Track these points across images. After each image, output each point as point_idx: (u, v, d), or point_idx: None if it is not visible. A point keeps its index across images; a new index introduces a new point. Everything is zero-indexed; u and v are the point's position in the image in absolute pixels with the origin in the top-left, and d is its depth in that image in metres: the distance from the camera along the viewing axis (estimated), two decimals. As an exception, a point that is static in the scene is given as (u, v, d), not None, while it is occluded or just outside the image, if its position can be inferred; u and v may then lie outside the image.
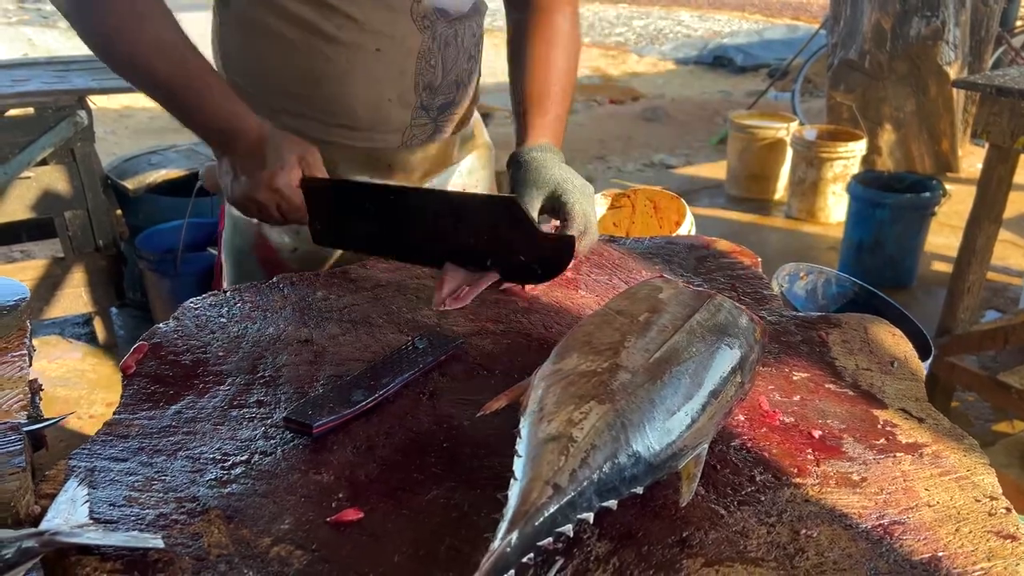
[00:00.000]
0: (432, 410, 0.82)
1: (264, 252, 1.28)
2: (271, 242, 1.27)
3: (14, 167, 2.71)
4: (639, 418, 0.67)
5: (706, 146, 6.09)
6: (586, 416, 0.66)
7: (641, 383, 0.70)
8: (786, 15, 12.90)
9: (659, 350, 0.74)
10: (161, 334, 0.97)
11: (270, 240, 1.27)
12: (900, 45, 4.67)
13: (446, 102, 1.25)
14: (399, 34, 1.15)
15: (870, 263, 3.59)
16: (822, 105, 5.52)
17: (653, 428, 0.67)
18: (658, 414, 0.68)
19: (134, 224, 3.13)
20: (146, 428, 0.81)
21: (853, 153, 4.26)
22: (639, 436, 0.66)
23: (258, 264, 1.29)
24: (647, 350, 0.74)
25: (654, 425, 0.67)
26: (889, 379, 0.91)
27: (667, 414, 0.69)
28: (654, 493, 0.69)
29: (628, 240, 1.26)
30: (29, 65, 3.27)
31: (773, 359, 0.94)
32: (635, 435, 0.66)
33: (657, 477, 0.68)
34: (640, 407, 0.68)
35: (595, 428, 0.65)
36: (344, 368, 0.90)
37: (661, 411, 0.68)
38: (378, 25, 1.14)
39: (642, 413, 0.67)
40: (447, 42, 1.20)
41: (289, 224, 1.14)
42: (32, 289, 2.86)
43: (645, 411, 0.68)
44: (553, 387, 0.71)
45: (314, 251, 1.23)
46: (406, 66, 1.18)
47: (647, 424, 0.67)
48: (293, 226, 1.18)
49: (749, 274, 1.14)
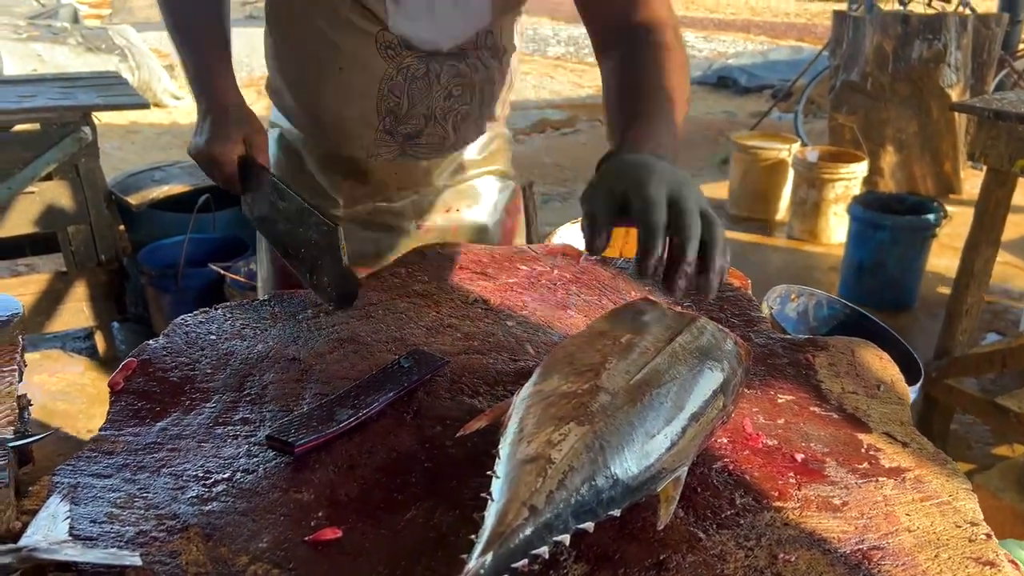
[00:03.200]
0: (415, 429, 0.82)
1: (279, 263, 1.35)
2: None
3: (19, 182, 2.74)
4: (618, 440, 0.67)
5: (709, 165, 6.11)
6: (565, 437, 0.66)
7: (621, 405, 0.70)
8: (790, 36, 12.97)
9: (640, 372, 0.74)
10: (150, 351, 0.97)
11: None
12: (902, 67, 4.69)
13: (413, 132, 1.26)
14: (362, 59, 1.19)
15: (871, 284, 3.59)
16: (824, 126, 5.54)
17: (632, 451, 0.67)
18: (637, 436, 0.68)
19: (137, 239, 3.15)
20: (131, 445, 0.81)
21: (855, 174, 4.27)
22: (618, 458, 0.66)
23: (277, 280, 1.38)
24: (628, 372, 0.74)
25: (633, 448, 0.67)
26: (875, 403, 0.91)
27: (646, 436, 0.69)
28: (632, 515, 0.69)
29: (619, 260, 1.26)
30: (36, 81, 3.30)
31: (758, 381, 0.94)
32: (614, 457, 0.66)
33: (635, 499, 0.68)
34: (619, 429, 0.68)
35: (573, 450, 0.65)
36: (330, 386, 0.91)
37: (640, 433, 0.69)
38: (346, 46, 1.19)
39: (621, 435, 0.68)
40: (416, 76, 1.21)
41: (228, 189, 1.21)
42: (34, 303, 2.88)
43: (624, 433, 0.68)
44: (533, 407, 0.71)
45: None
46: (368, 90, 1.21)
47: (626, 447, 0.67)
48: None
49: (738, 296, 1.14)
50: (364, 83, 1.20)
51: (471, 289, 1.16)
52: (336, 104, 1.23)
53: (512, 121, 1.30)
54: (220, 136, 1.15)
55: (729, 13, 17.36)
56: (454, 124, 1.28)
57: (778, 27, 14.46)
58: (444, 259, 1.25)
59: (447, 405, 0.87)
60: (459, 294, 1.14)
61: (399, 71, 1.20)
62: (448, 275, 1.20)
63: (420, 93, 1.23)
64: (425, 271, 1.20)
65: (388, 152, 1.27)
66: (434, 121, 1.26)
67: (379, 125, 1.24)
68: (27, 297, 2.89)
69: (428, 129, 1.26)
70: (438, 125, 1.27)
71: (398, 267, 1.22)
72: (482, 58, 1.25)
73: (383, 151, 1.27)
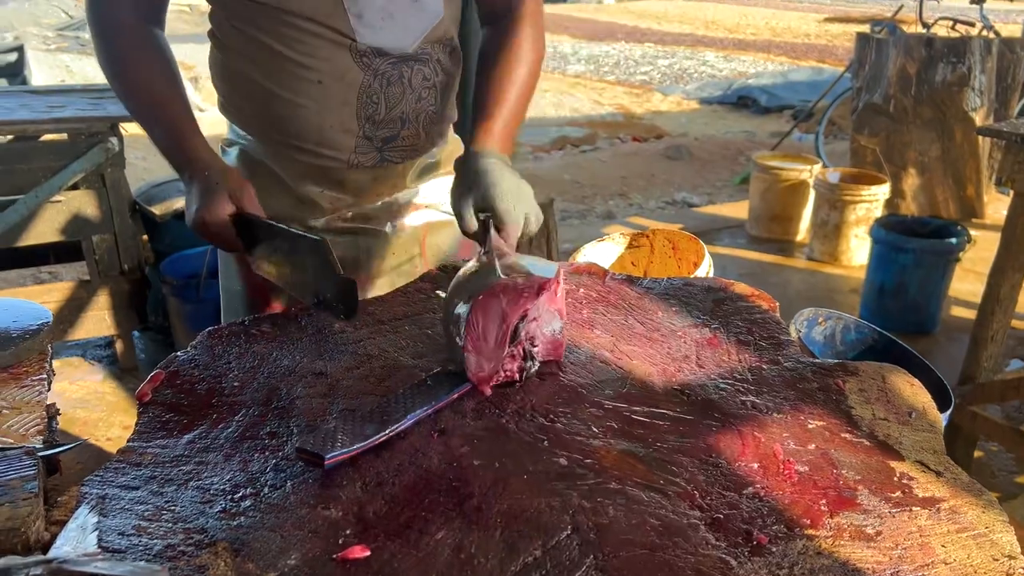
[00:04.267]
0: (443, 447, 0.82)
1: (251, 278, 1.32)
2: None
3: (46, 191, 2.77)
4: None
5: (728, 185, 6.10)
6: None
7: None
8: (811, 57, 12.96)
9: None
10: (178, 362, 0.98)
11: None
12: (925, 90, 4.66)
13: (391, 135, 1.30)
14: (340, 69, 1.23)
15: (892, 307, 3.56)
16: (846, 147, 5.51)
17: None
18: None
19: (159, 249, 3.17)
20: (159, 457, 0.82)
21: (876, 197, 4.25)
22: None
23: (246, 293, 1.37)
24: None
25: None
26: (907, 430, 0.90)
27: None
28: (663, 541, 0.68)
29: (645, 280, 1.26)
30: (65, 92, 3.35)
31: (788, 406, 0.93)
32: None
33: None
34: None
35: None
36: (357, 401, 0.91)
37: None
38: (321, 59, 1.22)
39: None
40: (390, 81, 1.26)
41: (233, 251, 1.21)
42: (57, 311, 2.91)
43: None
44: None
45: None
46: (348, 98, 1.25)
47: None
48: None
49: (767, 318, 1.13)
50: (343, 92, 1.24)
51: (496, 306, 1.16)
52: (316, 116, 1.26)
53: (532, 138, 1.34)
54: (208, 203, 1.13)
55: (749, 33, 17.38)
56: (424, 125, 1.34)
57: (798, 48, 14.46)
58: (469, 276, 1.25)
59: (474, 424, 0.86)
60: (484, 311, 1.14)
61: (376, 77, 1.25)
62: (473, 292, 1.19)
63: (395, 97, 1.28)
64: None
65: (367, 159, 1.31)
66: (408, 123, 1.32)
67: (359, 131, 1.28)
68: (51, 305, 2.91)
69: (403, 132, 1.32)
70: (411, 127, 1.32)
71: (423, 282, 1.22)
72: (442, 61, 1.32)
73: (362, 158, 1.31)
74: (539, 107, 9.49)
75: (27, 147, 2.78)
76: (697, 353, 1.03)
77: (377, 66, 1.25)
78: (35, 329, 1.04)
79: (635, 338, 1.06)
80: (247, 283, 1.37)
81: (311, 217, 1.33)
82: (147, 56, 1.23)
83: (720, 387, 0.95)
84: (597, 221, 5.30)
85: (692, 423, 0.88)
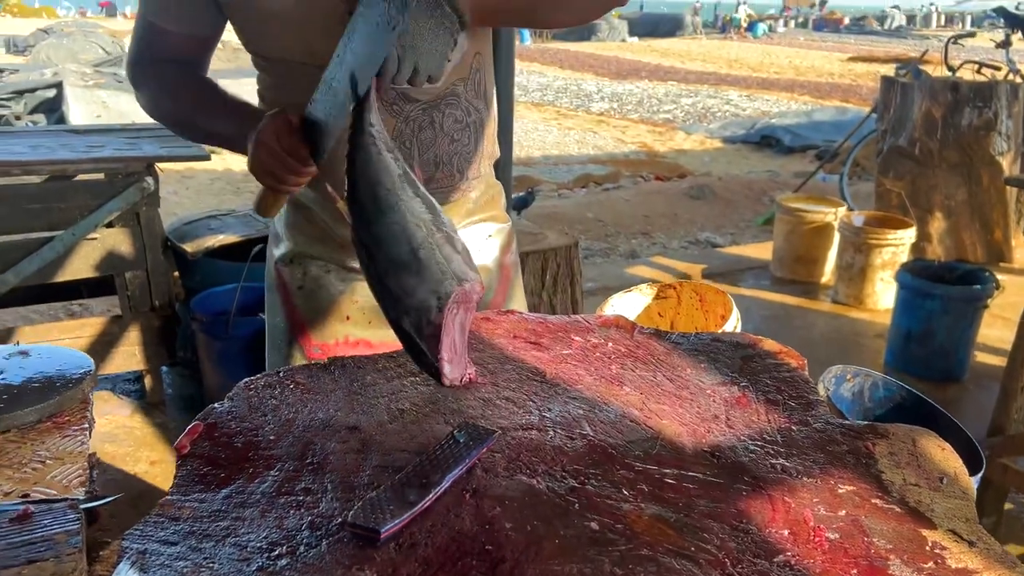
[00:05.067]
0: (475, 509, 0.83)
1: (293, 315, 1.38)
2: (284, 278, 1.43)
3: (82, 228, 2.84)
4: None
5: (752, 226, 6.10)
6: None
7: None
8: (835, 97, 12.99)
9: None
10: (216, 414, 1.00)
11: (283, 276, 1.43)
12: (951, 134, 4.66)
13: (425, 178, 1.33)
14: None
15: (919, 353, 3.53)
16: (870, 188, 5.50)
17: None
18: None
19: (190, 286, 3.22)
20: (197, 511, 0.83)
21: (902, 240, 4.23)
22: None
23: (288, 328, 1.42)
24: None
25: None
26: (938, 497, 0.90)
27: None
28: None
29: (673, 335, 1.27)
30: (103, 131, 3.44)
31: (818, 469, 0.93)
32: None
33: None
34: None
35: None
36: (390, 458, 0.92)
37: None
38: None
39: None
40: (422, 126, 1.30)
41: (298, 177, 1.18)
42: (89, 345, 2.96)
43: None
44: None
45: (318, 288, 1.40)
46: None
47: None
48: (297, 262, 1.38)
49: (795, 377, 1.14)
50: None
51: (525, 359, 1.17)
52: (338, 163, 1.29)
53: (555, 175, 1.36)
54: (271, 118, 1.15)
55: (772, 72, 17.46)
56: (459, 166, 1.37)
57: (822, 87, 14.50)
58: (497, 326, 1.26)
59: (505, 484, 0.87)
60: (514, 365, 1.16)
61: (407, 123, 1.28)
62: (502, 344, 1.21)
63: (427, 141, 1.31)
64: (479, 338, 1.22)
65: None
66: (442, 166, 1.35)
67: None
68: (82, 340, 2.97)
69: (438, 174, 1.35)
70: (446, 169, 1.35)
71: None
72: (472, 100, 1.34)
73: None
74: (562, 144, 9.58)
75: (65, 186, 2.86)
76: (727, 413, 1.03)
77: (408, 112, 1.28)
78: (77, 377, 1.07)
79: (664, 396, 1.07)
80: (290, 320, 1.41)
81: (352, 260, 1.37)
82: (193, 81, 1.32)
83: (750, 449, 0.96)
84: (620, 260, 5.31)
85: (722, 487, 0.88)
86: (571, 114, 11.95)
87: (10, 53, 17.16)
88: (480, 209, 1.48)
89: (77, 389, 1.04)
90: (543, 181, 7.24)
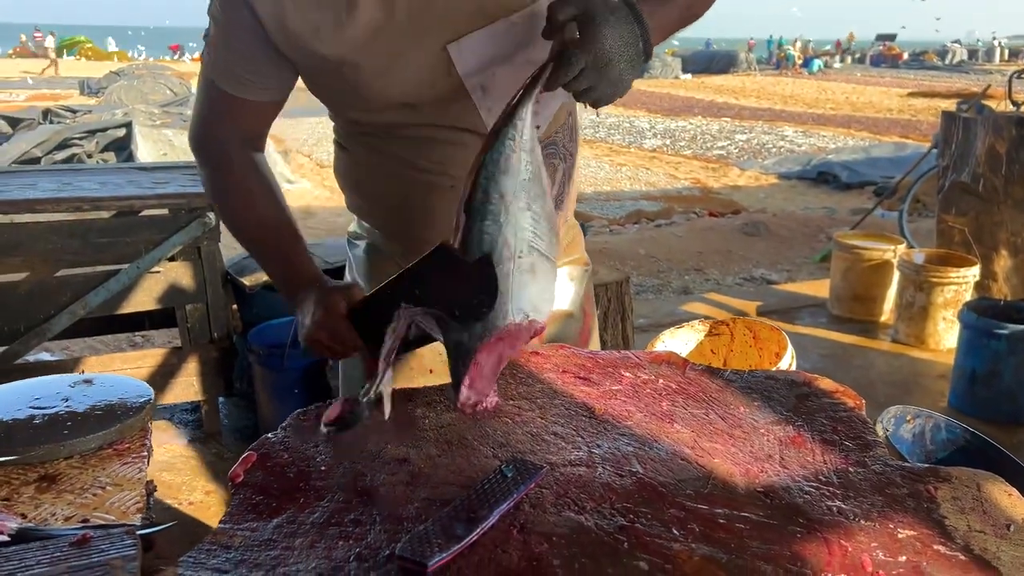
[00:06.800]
0: (523, 545, 0.82)
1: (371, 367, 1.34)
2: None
3: (147, 262, 2.93)
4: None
5: (808, 263, 5.99)
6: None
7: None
8: (894, 133, 12.77)
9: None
10: (269, 444, 1.02)
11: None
12: (1016, 170, 4.53)
13: None
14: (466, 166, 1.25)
15: (984, 395, 3.40)
16: (931, 225, 5.37)
17: None
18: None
19: (248, 319, 3.30)
20: (248, 540, 0.84)
21: (965, 279, 4.11)
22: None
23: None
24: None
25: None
26: (1005, 544, 0.86)
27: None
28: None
29: (727, 372, 1.25)
30: (168, 168, 3.57)
31: (876, 512, 0.90)
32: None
33: None
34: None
35: None
36: (438, 491, 0.92)
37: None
38: (454, 163, 1.22)
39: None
40: None
41: (353, 352, 1.20)
42: (149, 375, 3.04)
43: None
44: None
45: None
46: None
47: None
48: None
49: (852, 417, 1.11)
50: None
51: (574, 395, 1.17)
52: (447, 219, 1.21)
53: (607, 211, 1.34)
54: (324, 300, 1.16)
55: (829, 108, 17.27)
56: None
57: (880, 123, 14.28)
58: (547, 360, 1.26)
59: (553, 520, 0.87)
60: (563, 400, 1.15)
61: None
62: (551, 378, 1.21)
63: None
64: (528, 372, 1.22)
65: None
66: None
67: None
68: (144, 370, 3.05)
69: None
70: None
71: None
72: (567, 146, 1.33)
73: None
74: (614, 181, 9.59)
75: (131, 221, 2.97)
76: (781, 452, 1.01)
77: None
78: (138, 406, 1.11)
79: (716, 434, 1.05)
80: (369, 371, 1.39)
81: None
82: (254, 189, 1.28)
83: (805, 490, 0.93)
84: (673, 297, 5.26)
85: (776, 528, 0.86)
86: (623, 150, 11.97)
87: (84, 95, 18.03)
88: (565, 252, 1.45)
89: (137, 418, 1.07)
90: (594, 217, 7.25)
